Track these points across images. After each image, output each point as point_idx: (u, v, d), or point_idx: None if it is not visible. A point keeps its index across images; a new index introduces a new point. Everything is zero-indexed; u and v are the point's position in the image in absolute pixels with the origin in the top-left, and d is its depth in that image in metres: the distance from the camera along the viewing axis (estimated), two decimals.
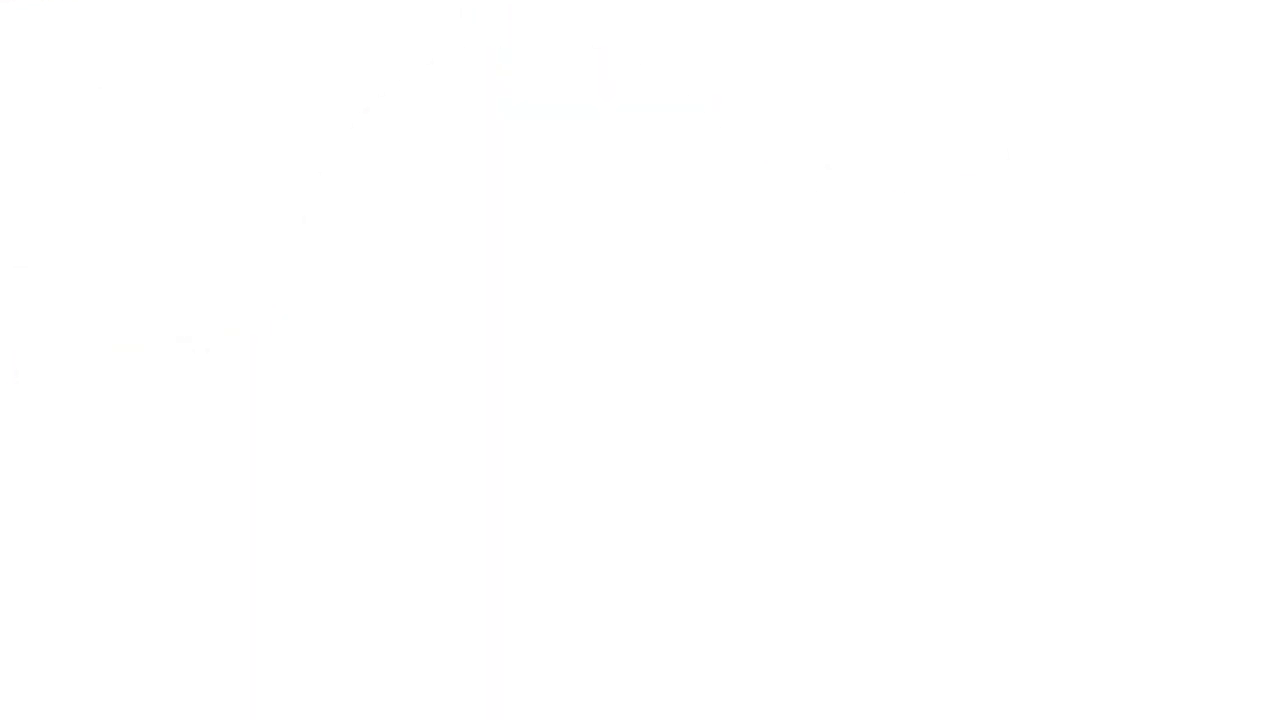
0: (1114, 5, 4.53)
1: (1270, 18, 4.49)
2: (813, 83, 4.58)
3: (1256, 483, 4.45)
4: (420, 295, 4.61)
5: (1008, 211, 4.54)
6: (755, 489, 4.55)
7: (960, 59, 4.55)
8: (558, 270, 4.60)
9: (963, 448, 4.52)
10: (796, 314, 4.56)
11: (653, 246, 4.59)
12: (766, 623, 4.54)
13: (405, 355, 4.61)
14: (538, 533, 4.58)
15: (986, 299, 4.54)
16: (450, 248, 4.61)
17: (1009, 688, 4.49)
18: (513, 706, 4.57)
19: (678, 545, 4.56)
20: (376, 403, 4.61)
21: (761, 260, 4.57)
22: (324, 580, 4.60)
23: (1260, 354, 4.46)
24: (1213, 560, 4.46)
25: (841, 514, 4.54)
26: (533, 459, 4.58)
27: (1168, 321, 4.50)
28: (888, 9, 4.56)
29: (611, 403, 4.58)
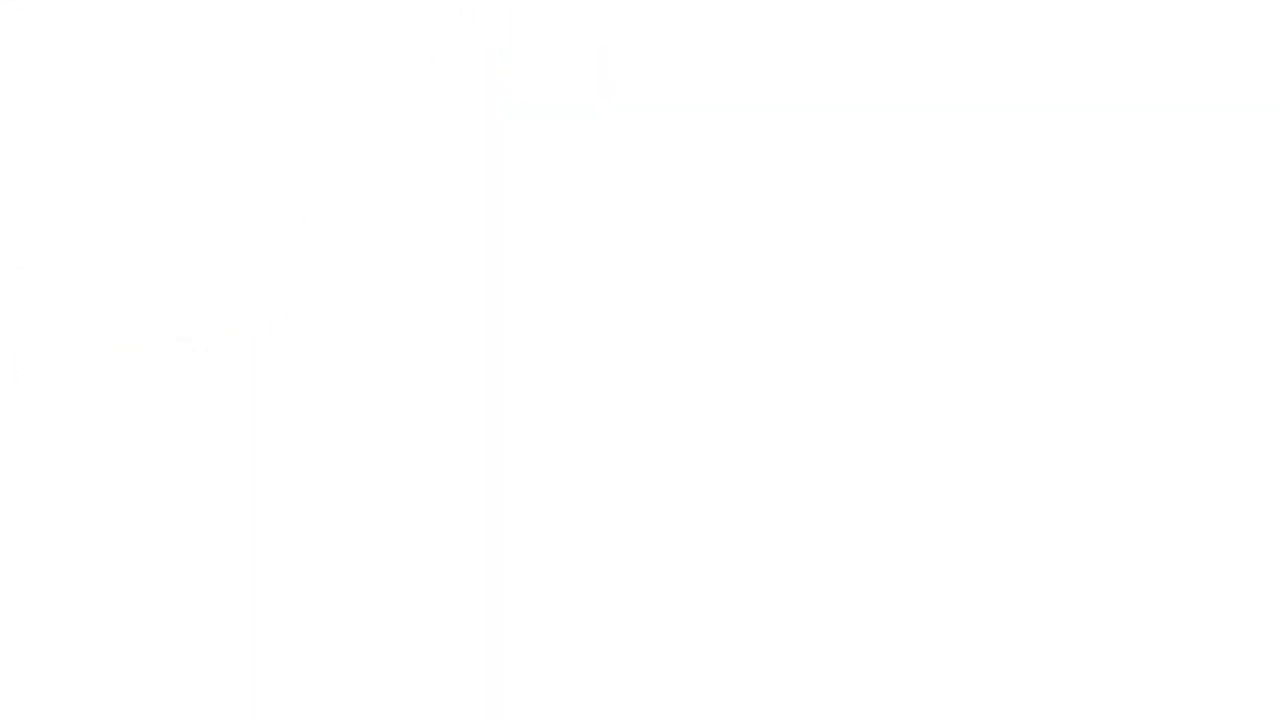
0: (1114, 5, 4.53)
1: (1270, 18, 4.49)
2: (813, 83, 4.58)
3: (1256, 483, 4.45)
4: (420, 295, 4.61)
5: (1008, 211, 4.54)
6: (756, 490, 4.55)
7: (960, 58, 4.55)
8: (558, 270, 4.60)
9: (963, 449, 4.52)
10: (797, 314, 4.56)
11: (653, 247, 4.59)
12: (768, 624, 4.54)
13: (405, 355, 4.61)
14: (538, 533, 4.58)
15: (986, 300, 4.54)
16: (450, 248, 4.61)
17: (1009, 688, 4.50)
18: (513, 706, 4.57)
19: (678, 546, 4.56)
20: (376, 403, 4.61)
21: (762, 260, 4.57)
22: (324, 580, 4.60)
23: (1260, 354, 4.47)
24: (1213, 560, 4.46)
25: (842, 515, 4.54)
26: (533, 459, 4.58)
27: (1168, 322, 4.50)
28: (887, 9, 4.56)
29: (612, 403, 4.58)
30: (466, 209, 4.62)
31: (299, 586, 4.59)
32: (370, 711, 4.58)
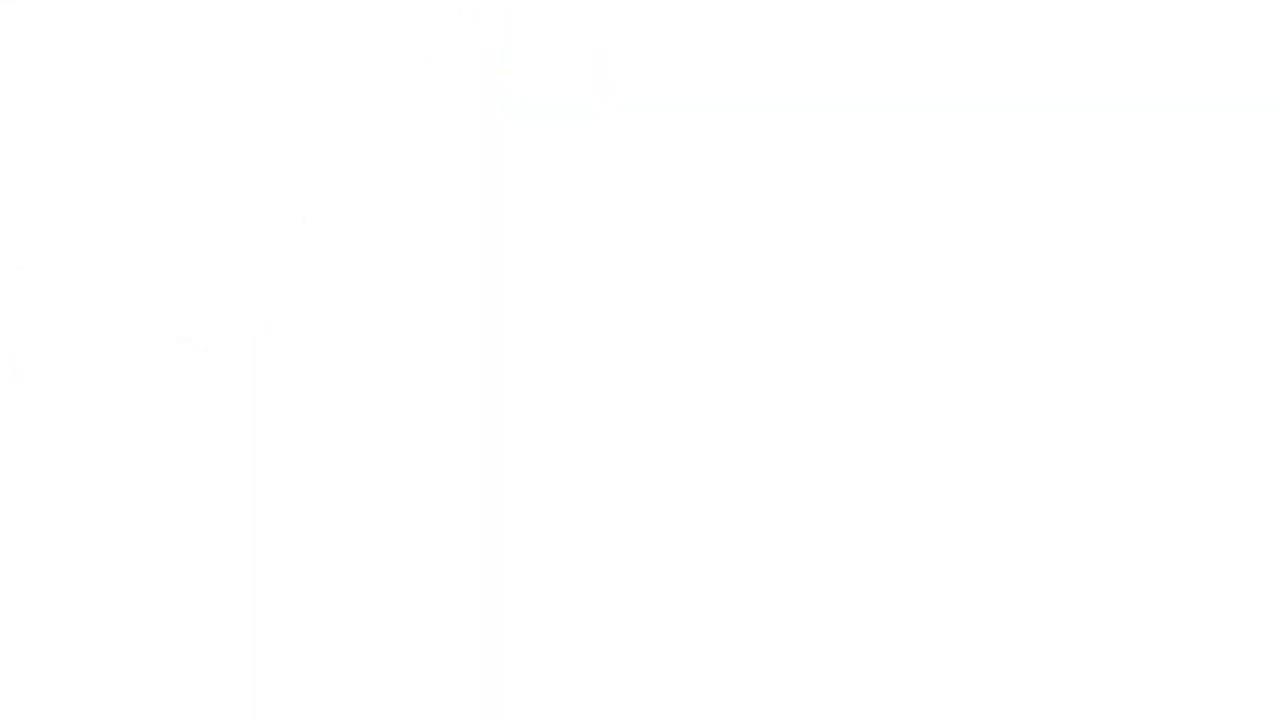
0: (1114, 5, 4.54)
1: (1270, 18, 4.50)
2: (813, 83, 4.58)
3: (1256, 483, 4.45)
4: (420, 295, 4.61)
5: (1008, 211, 4.54)
6: (756, 489, 4.55)
7: (960, 58, 4.55)
8: (558, 270, 4.60)
9: (963, 448, 4.52)
10: (797, 314, 4.56)
11: (652, 246, 4.59)
12: (768, 624, 4.54)
13: (405, 355, 4.61)
14: (538, 533, 4.58)
15: (986, 300, 4.54)
16: (450, 248, 4.61)
17: (1009, 688, 4.49)
18: (513, 706, 4.57)
19: (678, 546, 4.56)
20: (376, 403, 4.61)
21: (761, 260, 4.57)
22: (324, 580, 4.60)
23: (1260, 354, 4.47)
24: (1213, 560, 4.46)
25: (842, 514, 4.54)
26: (532, 460, 4.58)
27: (1168, 321, 4.50)
28: (887, 9, 4.56)
29: (612, 403, 4.58)
30: (466, 209, 4.62)
31: (299, 586, 4.59)
32: (370, 711, 4.58)
